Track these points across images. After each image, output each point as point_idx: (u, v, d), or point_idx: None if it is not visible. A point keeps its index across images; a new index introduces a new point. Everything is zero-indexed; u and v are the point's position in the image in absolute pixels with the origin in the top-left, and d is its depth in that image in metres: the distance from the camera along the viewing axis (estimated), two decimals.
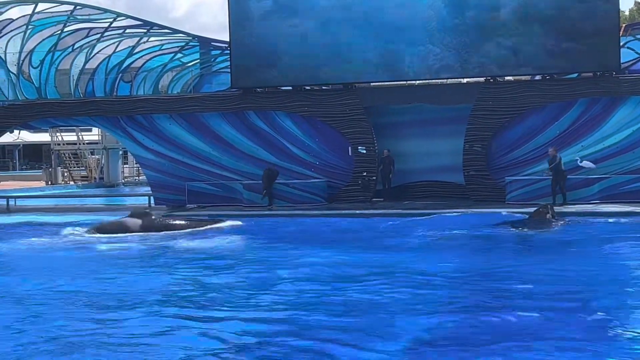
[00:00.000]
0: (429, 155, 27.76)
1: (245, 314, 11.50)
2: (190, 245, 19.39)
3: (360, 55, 26.41)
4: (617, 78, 25.31)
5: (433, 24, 25.80)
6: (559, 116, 25.72)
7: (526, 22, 25.29)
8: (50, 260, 17.93)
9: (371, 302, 12.19)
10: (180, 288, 13.78)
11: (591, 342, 9.53)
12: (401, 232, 20.91)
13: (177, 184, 28.45)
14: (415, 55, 26.02)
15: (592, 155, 25.41)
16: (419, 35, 25.92)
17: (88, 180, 48.87)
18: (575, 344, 9.50)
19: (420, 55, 25.97)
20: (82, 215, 27.62)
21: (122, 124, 28.88)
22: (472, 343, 9.58)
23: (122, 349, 9.69)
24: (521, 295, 12.52)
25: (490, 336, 9.92)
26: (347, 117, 27.03)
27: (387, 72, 26.38)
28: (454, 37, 25.70)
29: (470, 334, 10.03)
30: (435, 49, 25.83)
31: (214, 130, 28.17)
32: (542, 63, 25.37)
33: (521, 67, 25.69)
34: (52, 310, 12.04)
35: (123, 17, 29.73)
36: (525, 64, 25.53)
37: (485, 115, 26.04)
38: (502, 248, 18.32)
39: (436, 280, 13.79)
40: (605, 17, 24.83)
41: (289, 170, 27.62)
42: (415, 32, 25.96)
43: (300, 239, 20.39)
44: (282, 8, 27.05)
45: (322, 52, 26.69)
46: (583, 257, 16.37)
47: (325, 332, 10.21)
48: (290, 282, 14.00)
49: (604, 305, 11.58)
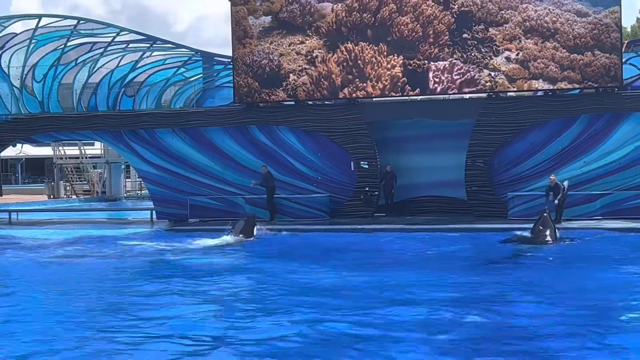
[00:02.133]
0: (431, 171, 27.76)
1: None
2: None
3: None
4: (619, 94, 25.32)
5: (443, 38, 25.85)
6: (562, 132, 25.73)
7: (530, 37, 25.32)
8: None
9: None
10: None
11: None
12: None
13: (179, 198, 28.45)
14: (422, 70, 26.07)
15: (594, 172, 25.43)
16: (427, 50, 25.98)
17: (90, 194, 48.89)
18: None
19: (426, 69, 26.02)
20: (87, 229, 27.64)
21: (125, 138, 28.91)
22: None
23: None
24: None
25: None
26: (349, 132, 27.06)
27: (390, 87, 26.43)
28: (462, 52, 25.76)
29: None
30: (443, 63, 25.88)
31: (216, 145, 28.19)
32: (545, 79, 25.37)
33: (523, 82, 25.67)
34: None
35: (126, 31, 29.82)
36: (526, 79, 25.52)
37: (487, 130, 26.05)
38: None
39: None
40: (608, 33, 24.86)
41: (291, 185, 27.63)
42: (412, 47, 26.03)
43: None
44: (282, 25, 27.16)
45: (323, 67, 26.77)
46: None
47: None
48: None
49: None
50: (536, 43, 25.31)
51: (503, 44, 25.52)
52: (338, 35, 26.78)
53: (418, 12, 26.03)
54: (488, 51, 25.60)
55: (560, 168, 25.56)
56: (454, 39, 25.84)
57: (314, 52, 26.96)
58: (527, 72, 25.37)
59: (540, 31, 25.32)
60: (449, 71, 25.80)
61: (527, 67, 25.37)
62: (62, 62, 29.89)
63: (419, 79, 26.07)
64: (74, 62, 29.91)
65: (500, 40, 25.54)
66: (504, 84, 25.57)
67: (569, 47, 25.12)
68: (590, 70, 24.94)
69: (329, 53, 26.77)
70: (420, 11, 26.02)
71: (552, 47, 25.18)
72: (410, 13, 26.11)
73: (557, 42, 25.15)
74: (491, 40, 25.59)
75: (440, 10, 25.86)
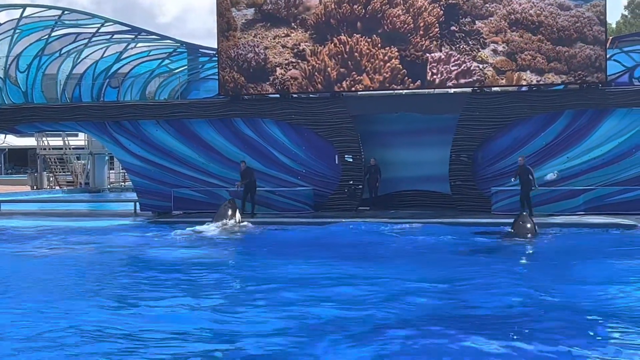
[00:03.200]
0: (415, 165, 27.81)
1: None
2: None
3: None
4: (603, 90, 25.42)
5: (431, 30, 25.88)
6: (545, 127, 25.81)
7: (515, 30, 25.39)
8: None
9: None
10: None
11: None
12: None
13: (163, 190, 28.39)
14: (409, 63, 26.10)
15: (577, 167, 25.55)
16: (419, 42, 26.00)
17: (74, 185, 48.72)
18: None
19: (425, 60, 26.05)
20: (69, 220, 27.57)
21: (109, 129, 28.81)
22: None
23: None
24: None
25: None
26: (334, 126, 27.06)
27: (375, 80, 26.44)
28: (450, 44, 25.80)
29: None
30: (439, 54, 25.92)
31: (200, 137, 28.14)
32: (533, 70, 25.45)
33: (512, 73, 25.75)
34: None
35: (111, 22, 29.67)
36: (515, 71, 25.60)
37: (472, 125, 26.11)
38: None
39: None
40: (590, 26, 24.98)
41: (275, 177, 27.62)
42: (403, 39, 26.05)
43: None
44: (266, 17, 27.12)
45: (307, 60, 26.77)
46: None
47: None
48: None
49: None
50: (521, 35, 25.40)
51: (489, 37, 25.60)
52: (327, 27, 26.74)
53: (409, 3, 26.03)
54: (475, 44, 25.67)
55: (544, 163, 25.67)
56: (443, 31, 25.89)
57: (300, 45, 26.93)
58: (515, 64, 25.44)
59: (525, 24, 25.43)
60: (445, 62, 25.81)
61: (514, 59, 25.44)
62: (46, 53, 29.72)
63: (418, 71, 26.07)
64: (58, 53, 29.73)
65: (487, 33, 25.61)
66: (493, 75, 25.62)
67: (553, 39, 25.24)
68: (575, 61, 25.04)
69: (321, 46, 26.73)
70: (411, 3, 26.02)
71: (537, 39, 25.29)
72: (401, 5, 26.09)
73: (542, 35, 25.27)
74: (478, 33, 25.66)
75: (430, 3, 25.89)
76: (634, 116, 25.16)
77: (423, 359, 9.44)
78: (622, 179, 25.40)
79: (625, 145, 25.34)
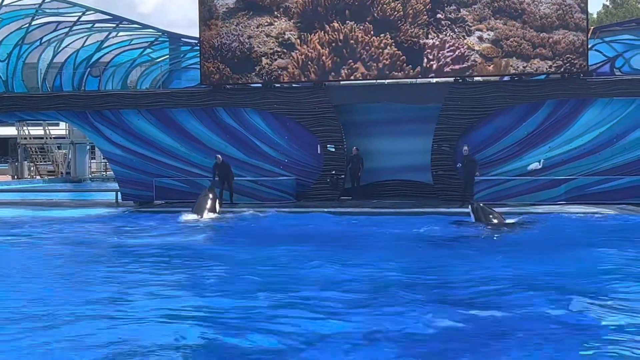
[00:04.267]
0: (397, 154, 27.85)
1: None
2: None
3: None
4: (584, 80, 25.53)
5: (419, 18, 25.90)
6: (527, 117, 25.90)
7: (499, 17, 25.46)
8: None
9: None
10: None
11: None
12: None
13: (144, 180, 28.31)
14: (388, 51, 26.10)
15: (559, 157, 25.66)
16: (408, 29, 26.00)
17: (55, 175, 48.55)
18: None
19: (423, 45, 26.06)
20: (50, 210, 27.48)
21: (90, 118, 28.68)
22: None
23: None
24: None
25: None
26: (316, 115, 27.05)
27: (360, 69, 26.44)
28: (437, 32, 25.84)
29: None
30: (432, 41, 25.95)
31: (182, 127, 28.06)
32: (519, 56, 25.54)
33: (499, 59, 25.83)
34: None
35: (92, 11, 29.51)
36: (501, 57, 25.68)
37: (454, 115, 26.17)
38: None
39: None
40: (572, 14, 25.09)
41: (257, 167, 27.61)
42: (393, 26, 26.06)
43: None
44: (247, 5, 27.05)
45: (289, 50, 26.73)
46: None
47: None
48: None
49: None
50: (505, 23, 25.48)
51: (474, 25, 25.66)
52: (315, 15, 26.69)
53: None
54: (461, 31, 25.73)
55: (525, 153, 25.79)
56: (429, 19, 25.92)
57: (285, 34, 26.87)
58: (501, 50, 25.53)
59: (508, 12, 25.55)
60: (440, 48, 25.85)
61: (500, 46, 25.54)
62: (27, 42, 29.55)
63: (415, 57, 26.10)
64: (39, 42, 29.56)
65: (472, 21, 25.68)
66: (482, 62, 25.69)
67: (536, 26, 25.35)
68: (560, 47, 25.16)
69: (310, 34, 26.67)
70: None
71: (521, 26, 25.39)
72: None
73: (525, 22, 25.37)
74: (463, 20, 25.72)
75: None
76: (614, 106, 25.28)
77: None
78: (603, 169, 25.52)
79: (606, 135, 25.46)
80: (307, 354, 8.99)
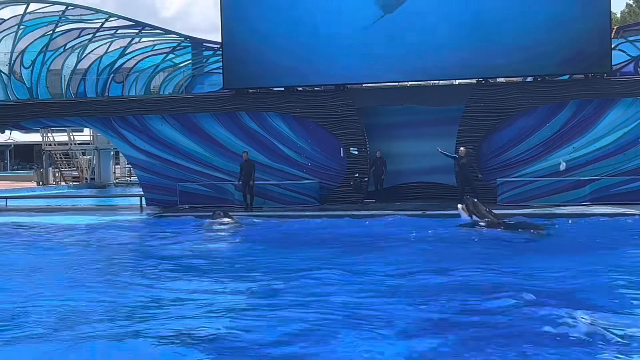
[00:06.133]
0: (421, 157, 27.77)
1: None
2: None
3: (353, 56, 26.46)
4: (608, 80, 25.39)
5: (427, 24, 25.85)
6: (551, 118, 25.78)
7: (518, 22, 25.35)
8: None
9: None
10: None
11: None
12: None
13: (168, 185, 28.42)
14: (409, 57, 26.05)
15: (583, 157, 25.52)
16: (413, 36, 25.97)
17: (79, 180, 48.78)
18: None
19: (413, 56, 26.01)
20: (77, 215, 27.66)
21: (114, 124, 28.84)
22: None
23: None
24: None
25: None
26: (339, 118, 27.06)
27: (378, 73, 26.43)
28: (448, 38, 25.76)
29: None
30: (428, 49, 25.89)
31: (205, 131, 28.15)
32: (535, 64, 25.46)
33: (514, 68, 25.75)
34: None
35: (115, 17, 29.68)
36: (518, 65, 25.59)
37: (476, 116, 26.09)
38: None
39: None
40: (597, 19, 24.94)
41: (281, 171, 27.64)
42: (409, 33, 26.02)
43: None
44: (273, 9, 27.08)
45: (314, 53, 26.72)
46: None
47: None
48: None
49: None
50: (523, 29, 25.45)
51: None
52: None
53: None
54: None
55: (550, 154, 25.68)
56: None
57: None
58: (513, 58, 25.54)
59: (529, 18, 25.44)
60: None
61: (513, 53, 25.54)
62: (51, 48, 29.75)
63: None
64: (63, 48, 29.78)
65: None
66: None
67: (557, 33, 25.24)
68: (579, 56, 25.03)
69: None
70: None
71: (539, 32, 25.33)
72: None
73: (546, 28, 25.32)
74: None
75: None
76: (639, 106, 25.12)
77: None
78: (628, 169, 25.36)
79: (630, 135, 25.31)
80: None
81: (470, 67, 25.78)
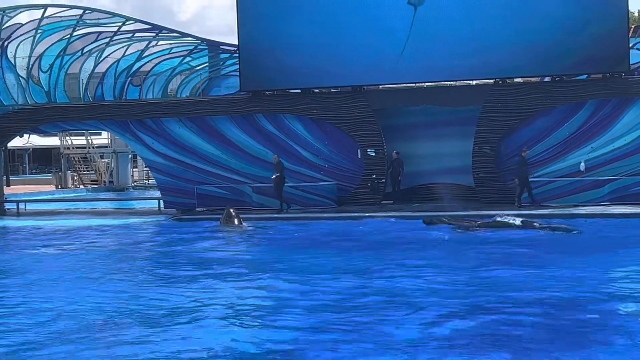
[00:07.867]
0: (438, 157, 27.72)
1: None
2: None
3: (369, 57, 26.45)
4: (626, 79, 25.27)
5: (445, 25, 25.81)
6: (569, 117, 25.67)
7: (536, 22, 25.27)
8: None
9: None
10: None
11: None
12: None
13: (186, 188, 28.47)
14: (426, 57, 26.02)
15: (601, 157, 25.39)
16: (430, 37, 25.93)
17: (98, 184, 48.92)
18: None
19: (430, 57, 25.97)
20: (95, 219, 27.81)
21: (132, 127, 28.93)
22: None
23: None
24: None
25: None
26: (356, 120, 27.04)
27: (397, 74, 26.40)
28: (464, 38, 25.71)
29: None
30: (446, 50, 25.84)
31: (223, 134, 28.19)
32: (552, 64, 25.37)
33: (531, 68, 25.68)
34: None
35: (132, 21, 29.79)
36: (535, 65, 25.52)
37: (494, 117, 26.01)
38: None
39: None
40: (615, 18, 24.82)
41: (298, 173, 27.63)
42: (426, 34, 25.98)
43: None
44: (289, 11, 27.10)
45: (330, 54, 26.72)
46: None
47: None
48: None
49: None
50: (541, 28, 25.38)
51: None
52: None
53: None
54: None
55: (568, 154, 25.56)
56: None
57: None
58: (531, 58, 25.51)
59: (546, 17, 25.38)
60: None
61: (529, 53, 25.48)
62: (68, 52, 29.88)
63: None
64: (80, 52, 29.89)
65: None
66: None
67: (575, 32, 25.17)
68: (596, 55, 24.93)
69: None
70: None
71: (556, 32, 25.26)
72: None
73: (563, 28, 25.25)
74: None
75: None
76: None
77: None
78: None
79: None
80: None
81: (487, 67, 25.72)
